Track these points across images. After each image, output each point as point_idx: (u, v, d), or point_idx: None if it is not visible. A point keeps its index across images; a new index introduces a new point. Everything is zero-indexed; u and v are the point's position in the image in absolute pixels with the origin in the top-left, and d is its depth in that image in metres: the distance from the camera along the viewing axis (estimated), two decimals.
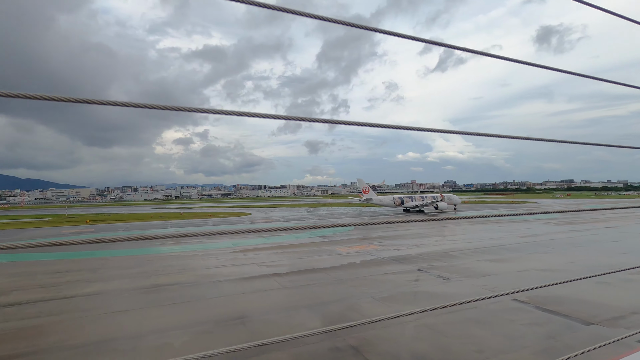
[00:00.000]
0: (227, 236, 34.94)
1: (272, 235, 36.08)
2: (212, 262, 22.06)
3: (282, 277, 17.88)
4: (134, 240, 2.22)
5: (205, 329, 11.30)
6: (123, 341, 10.61)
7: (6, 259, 25.44)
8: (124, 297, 15.09)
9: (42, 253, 27.53)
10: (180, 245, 30.47)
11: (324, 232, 37.38)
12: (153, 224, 51.81)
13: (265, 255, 23.98)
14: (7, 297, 15.23)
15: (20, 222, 62.02)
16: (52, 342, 10.64)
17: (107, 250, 28.24)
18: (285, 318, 12.25)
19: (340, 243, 28.39)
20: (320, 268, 19.64)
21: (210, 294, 15.32)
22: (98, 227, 48.41)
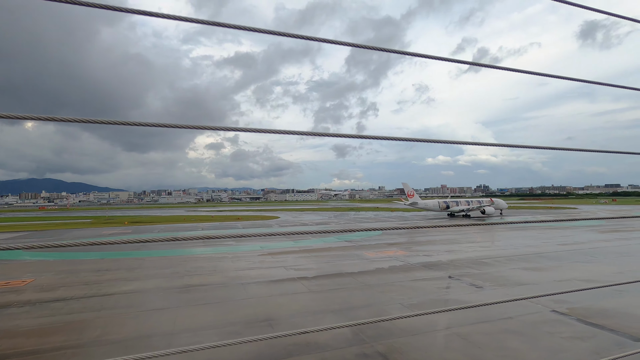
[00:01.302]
0: (255, 239, 35.61)
1: (300, 238, 36.34)
2: (241, 264, 22.52)
3: (309, 280, 17.94)
4: (166, 241, 2.33)
5: (235, 330, 11.53)
6: (158, 338, 11.05)
7: (54, 257, 27.26)
8: (158, 296, 15.72)
9: (86, 252, 29.27)
10: (211, 247, 31.35)
11: (351, 236, 37.17)
12: (185, 226, 53.68)
13: (293, 259, 24.17)
14: (55, 293, 16.30)
15: (66, 222, 66.27)
16: (95, 337, 11.26)
17: (143, 251, 29.57)
18: (313, 322, 12.27)
19: (368, 248, 28.10)
20: (348, 272, 19.52)
21: (239, 295, 15.64)
22: (135, 229, 50.81)
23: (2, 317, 13.08)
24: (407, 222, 53.94)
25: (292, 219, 67.89)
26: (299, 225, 52.92)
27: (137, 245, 33.07)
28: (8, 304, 14.67)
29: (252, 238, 37.33)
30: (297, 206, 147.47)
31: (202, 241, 35.41)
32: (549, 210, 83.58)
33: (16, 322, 12.54)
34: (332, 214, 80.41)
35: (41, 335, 11.35)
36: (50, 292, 16.53)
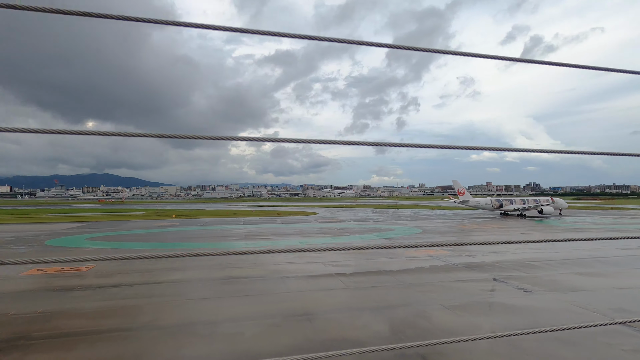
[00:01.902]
0: (293, 234, 36.18)
1: (338, 235, 36.37)
2: (279, 259, 23.01)
3: (347, 277, 17.93)
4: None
5: (274, 322, 11.82)
6: (201, 326, 11.62)
7: (112, 246, 29.61)
8: (202, 286, 16.52)
9: (139, 243, 31.47)
10: (251, 241, 32.34)
11: (390, 234, 36.58)
12: (228, 220, 55.82)
13: (331, 255, 24.26)
14: (112, 279, 17.70)
15: (122, 214, 71.62)
16: (146, 321, 12.09)
17: (189, 243, 31.20)
18: (350, 318, 12.26)
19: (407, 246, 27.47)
20: (386, 271, 19.25)
21: (277, 289, 16.00)
22: (182, 221, 53.73)
23: (68, 299, 14.45)
24: (448, 221, 52.07)
25: (330, 215, 68.14)
26: (337, 221, 52.98)
27: (183, 237, 34.95)
28: (73, 288, 16.17)
29: (291, 234, 37.97)
30: (335, 202, 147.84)
31: (244, 235, 36.63)
32: (610, 211, 76.54)
33: (79, 304, 13.80)
34: (371, 211, 79.60)
35: (100, 317, 12.39)
36: (108, 278, 17.98)
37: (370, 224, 48.29)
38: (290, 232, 39.42)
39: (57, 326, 11.51)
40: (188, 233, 38.91)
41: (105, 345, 10.12)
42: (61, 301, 14.19)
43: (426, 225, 46.02)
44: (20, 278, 18.06)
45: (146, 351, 9.78)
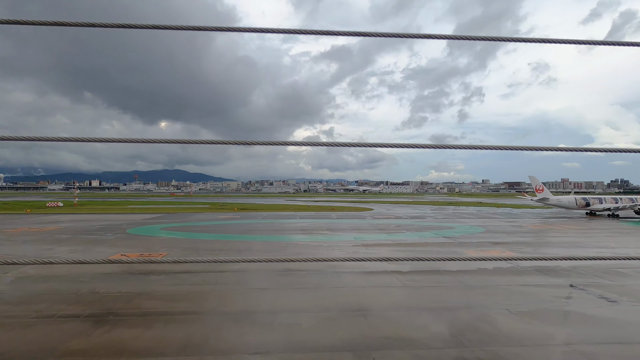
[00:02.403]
0: (349, 230, 36.20)
1: (394, 232, 35.64)
2: (335, 254, 23.21)
3: (403, 275, 17.51)
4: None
5: (330, 316, 11.99)
6: (261, 315, 12.20)
7: (181, 236, 32.29)
8: (262, 277, 17.29)
9: (205, 234, 33.90)
10: (308, 235, 33.03)
11: (450, 232, 34.90)
12: (285, 214, 57.66)
13: (387, 252, 23.89)
14: (182, 266, 19.32)
15: (190, 207, 77.73)
16: (212, 307, 13.02)
17: (251, 235, 32.84)
18: (407, 317, 11.97)
19: (468, 246, 26.00)
20: (446, 270, 18.43)
21: (333, 283, 16.17)
22: (243, 214, 56.71)
23: (145, 282, 16.09)
24: (516, 220, 48.19)
25: (385, 211, 66.97)
26: (393, 218, 51.89)
27: (243, 229, 36.90)
28: (150, 272, 17.96)
29: (346, 229, 38.06)
30: (391, 198, 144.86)
31: (300, 229, 37.58)
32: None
33: (155, 287, 15.30)
34: (429, 208, 76.62)
35: (172, 300, 13.62)
36: (179, 264, 19.66)
37: (428, 222, 46.51)
38: (345, 227, 39.54)
39: (137, 305, 12.89)
40: (248, 226, 40.96)
41: (177, 326, 11.11)
42: (140, 284, 15.85)
43: (490, 224, 43.06)
44: (108, 261, 20.53)
45: (212, 334, 10.53)
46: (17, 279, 16.46)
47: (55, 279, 16.53)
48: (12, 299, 13.62)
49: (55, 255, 21.81)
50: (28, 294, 14.31)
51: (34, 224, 40.15)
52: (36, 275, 17.11)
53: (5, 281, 16.02)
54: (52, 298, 13.65)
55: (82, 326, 10.97)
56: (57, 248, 24.61)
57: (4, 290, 14.79)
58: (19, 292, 14.52)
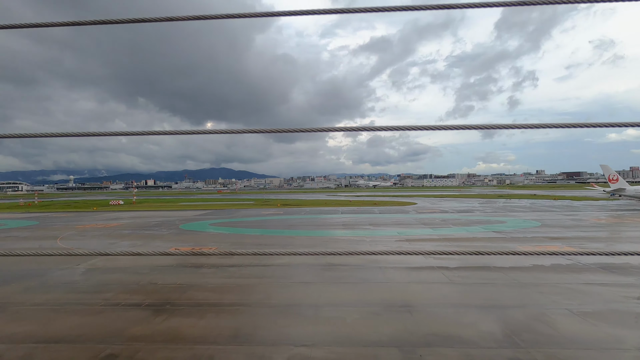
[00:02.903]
0: (392, 225, 35.59)
1: (440, 226, 34.47)
2: (378, 248, 22.97)
3: (450, 271, 16.91)
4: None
5: (374, 311, 11.91)
6: (306, 308, 12.42)
7: (229, 231, 33.75)
8: (305, 271, 17.58)
9: (251, 229, 35.15)
10: (350, 230, 33.00)
11: (501, 227, 33.03)
12: (327, 210, 58.01)
13: (432, 247, 23.17)
14: (231, 260, 20.21)
15: (236, 204, 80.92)
16: (259, 299, 13.51)
17: (294, 230, 33.49)
18: (454, 314, 11.56)
19: (521, 241, 24.42)
20: (497, 267, 17.50)
21: (376, 278, 16.02)
22: (286, 210, 57.94)
23: (198, 275, 17.06)
24: (576, 214, 44.44)
25: (430, 205, 64.89)
26: (438, 212, 50.16)
27: (287, 224, 37.71)
28: (201, 265, 19.01)
29: (389, 224, 37.49)
30: (435, 192, 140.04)
31: (342, 224, 37.63)
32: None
33: (206, 280, 16.17)
34: (477, 202, 73.03)
35: (222, 292, 14.31)
36: (227, 258, 20.59)
37: (477, 215, 44.36)
38: (388, 222, 38.93)
39: (191, 296, 13.71)
40: (291, 221, 41.78)
41: (228, 317, 11.66)
42: (193, 276, 16.83)
43: (547, 217, 40.10)
44: (164, 254, 22.00)
45: (260, 325, 10.93)
46: (87, 270, 18.23)
47: (119, 270, 18.08)
48: (83, 288, 15.11)
49: (119, 248, 23.80)
50: (97, 283, 15.80)
51: (100, 221, 44.17)
52: (103, 267, 18.83)
53: (78, 272, 17.83)
54: (117, 288, 14.96)
55: (143, 314, 11.91)
56: (120, 242, 26.86)
57: (77, 280, 16.46)
58: (89, 282, 16.07)
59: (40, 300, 13.50)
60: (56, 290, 14.79)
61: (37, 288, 15.13)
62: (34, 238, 30.14)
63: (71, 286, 15.40)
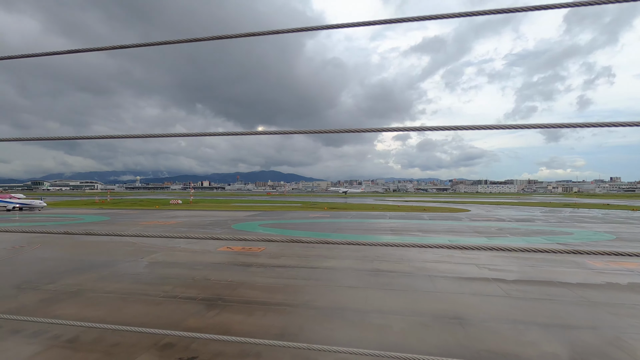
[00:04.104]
0: (443, 232, 34.11)
1: (496, 235, 32.35)
2: (427, 256, 22.13)
3: (507, 284, 15.77)
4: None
5: (422, 321, 11.48)
6: (351, 312, 12.32)
7: (277, 232, 34.68)
8: (352, 275, 17.47)
9: (298, 231, 35.75)
10: (397, 235, 32.20)
11: (567, 238, 30.16)
12: (374, 214, 57.22)
13: (487, 257, 21.81)
14: (278, 260, 20.73)
15: (284, 206, 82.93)
16: (305, 301, 13.67)
17: (340, 234, 33.47)
18: (512, 331, 10.74)
19: (592, 255, 22.04)
20: (562, 282, 16.00)
21: (425, 287, 15.44)
22: (333, 214, 58.15)
23: (247, 274, 17.71)
24: None
25: (484, 212, 61.22)
26: (494, 220, 47.10)
27: (333, 228, 37.79)
28: (250, 264, 19.72)
29: (439, 231, 35.99)
30: (491, 199, 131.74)
31: (390, 229, 36.87)
32: None
33: (255, 279, 16.73)
34: (538, 210, 67.45)
35: (269, 292, 14.70)
36: (275, 259, 21.14)
37: (538, 225, 40.94)
38: (438, 229, 37.39)
39: (241, 294, 14.27)
40: (337, 224, 41.82)
41: (275, 316, 11.95)
42: (243, 274, 17.51)
43: (622, 230, 35.85)
44: (217, 252, 23.17)
45: (305, 327, 11.05)
46: (150, 263, 19.78)
47: (177, 265, 19.37)
48: (146, 280, 16.42)
49: (177, 245, 25.53)
50: (157, 276, 17.08)
51: (161, 218, 47.77)
52: (163, 261, 20.30)
53: (141, 265, 19.42)
54: (175, 281, 16.04)
55: (197, 307, 12.64)
56: (178, 239, 28.81)
57: (141, 272, 17.92)
58: (151, 275, 17.42)
59: (111, 289, 14.91)
60: (124, 280, 16.25)
61: (108, 277, 16.73)
62: (106, 232, 33.36)
63: (136, 277, 16.81)
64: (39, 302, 13.21)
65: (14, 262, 20.29)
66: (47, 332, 10.44)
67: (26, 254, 22.49)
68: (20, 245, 25.09)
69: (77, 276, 16.85)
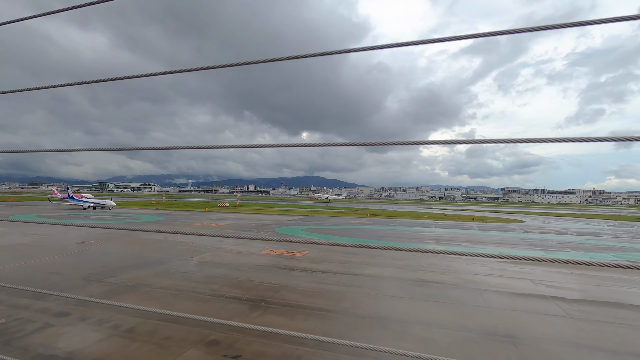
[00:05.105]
0: (494, 244, 32.12)
1: (554, 249, 29.82)
2: (476, 269, 20.96)
3: (568, 303, 14.45)
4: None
5: (470, 337, 10.87)
6: (394, 323, 12.00)
7: (319, 237, 34.87)
8: (394, 285, 17.04)
9: (340, 237, 35.68)
10: (444, 246, 30.89)
11: (639, 256, 26.97)
12: (419, 222, 55.45)
13: (543, 272, 20.19)
14: (320, 265, 20.82)
15: (327, 211, 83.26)
16: (346, 307, 13.56)
17: (383, 242, 32.88)
18: (574, 355, 9.80)
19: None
20: (634, 305, 14.33)
21: (474, 301, 14.62)
22: (375, 220, 57.28)
23: (289, 277, 17.98)
24: None
25: (541, 224, 56.73)
26: (552, 233, 43.46)
27: (376, 235, 37.20)
28: (293, 268, 20.00)
29: (489, 242, 33.99)
30: (548, 209, 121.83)
31: (435, 238, 35.51)
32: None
33: (297, 282, 16.92)
34: (605, 224, 61.16)
35: (311, 296, 14.78)
36: (317, 264, 21.26)
37: (605, 240, 37.08)
38: (488, 240, 35.29)
39: (283, 296, 14.51)
40: (380, 232, 41.10)
41: (316, 320, 11.99)
42: (285, 277, 17.81)
43: None
44: (260, 255, 23.82)
45: (346, 334, 10.95)
46: (199, 262, 20.83)
47: (224, 265, 20.20)
48: (195, 278, 17.30)
49: (224, 246, 26.64)
50: (206, 275, 17.92)
51: (210, 220, 50.19)
52: (211, 261, 21.28)
53: (192, 263, 20.51)
54: (221, 281, 16.73)
55: (242, 307, 13.06)
56: (225, 240, 30.05)
57: (191, 270, 18.93)
58: (200, 273, 18.32)
59: (164, 285, 15.92)
60: (176, 277, 17.26)
61: (162, 274, 17.89)
62: (160, 231, 35.82)
63: (186, 275, 17.79)
64: (103, 293, 14.45)
65: (82, 255, 22.44)
66: (109, 321, 11.38)
67: (93, 248, 24.77)
68: (88, 240, 27.70)
69: (135, 271, 18.21)
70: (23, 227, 34.85)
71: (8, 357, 8.71)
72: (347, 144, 3.01)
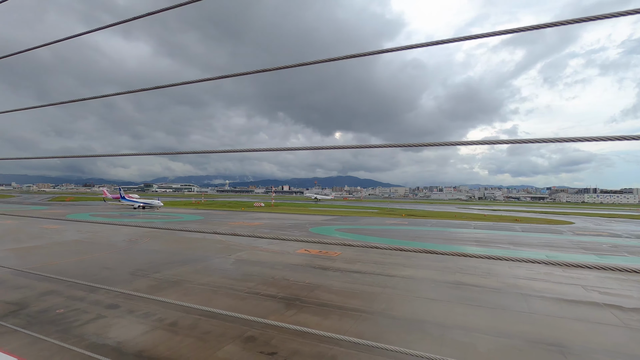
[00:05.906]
0: (542, 246, 30.30)
1: (609, 253, 27.61)
2: (520, 272, 19.89)
3: (625, 312, 13.32)
4: None
5: (515, 345, 10.34)
6: (431, 326, 11.68)
7: (352, 237, 34.72)
8: (431, 287, 16.58)
9: (374, 237, 35.31)
10: (485, 247, 29.62)
11: None
12: (456, 223, 53.53)
13: (597, 278, 18.76)
14: (354, 266, 20.71)
15: (361, 211, 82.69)
16: (381, 309, 13.40)
17: (419, 242, 32.11)
18: None
19: None
20: None
21: (517, 306, 13.88)
22: (410, 221, 56.03)
23: (323, 277, 18.06)
24: None
25: (593, 226, 52.69)
26: (606, 235, 40.22)
27: (411, 236, 36.39)
28: (326, 268, 20.07)
29: (535, 245, 32.11)
30: (601, 210, 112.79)
31: (474, 240, 34.11)
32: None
33: (331, 282, 16.96)
34: None
35: (345, 296, 14.75)
36: (351, 264, 21.17)
37: None
38: (533, 242, 33.34)
39: (317, 296, 14.60)
40: (416, 232, 40.15)
41: (350, 321, 11.95)
42: (320, 277, 17.90)
43: None
44: (295, 254, 24.13)
45: (381, 336, 10.81)
46: (236, 260, 21.48)
47: (260, 264, 20.68)
48: (233, 275, 17.86)
49: (259, 245, 27.28)
50: (243, 273, 18.45)
51: (246, 220, 51.60)
52: (247, 259, 21.88)
53: (229, 261, 21.21)
54: (257, 279, 17.14)
55: (277, 305, 13.30)
56: (260, 239, 30.77)
57: (228, 268, 19.57)
58: (237, 271, 18.89)
59: (204, 281, 16.59)
60: (215, 274, 17.93)
61: (202, 271, 18.65)
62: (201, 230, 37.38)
63: (224, 273, 18.41)
64: (148, 288, 15.33)
65: (130, 252, 23.92)
66: (154, 315, 12.04)
67: (139, 245, 26.34)
68: (135, 238, 29.49)
69: (177, 268, 19.13)
70: (78, 225, 37.81)
71: (65, 344, 9.48)
72: (380, 145, 2.97)
